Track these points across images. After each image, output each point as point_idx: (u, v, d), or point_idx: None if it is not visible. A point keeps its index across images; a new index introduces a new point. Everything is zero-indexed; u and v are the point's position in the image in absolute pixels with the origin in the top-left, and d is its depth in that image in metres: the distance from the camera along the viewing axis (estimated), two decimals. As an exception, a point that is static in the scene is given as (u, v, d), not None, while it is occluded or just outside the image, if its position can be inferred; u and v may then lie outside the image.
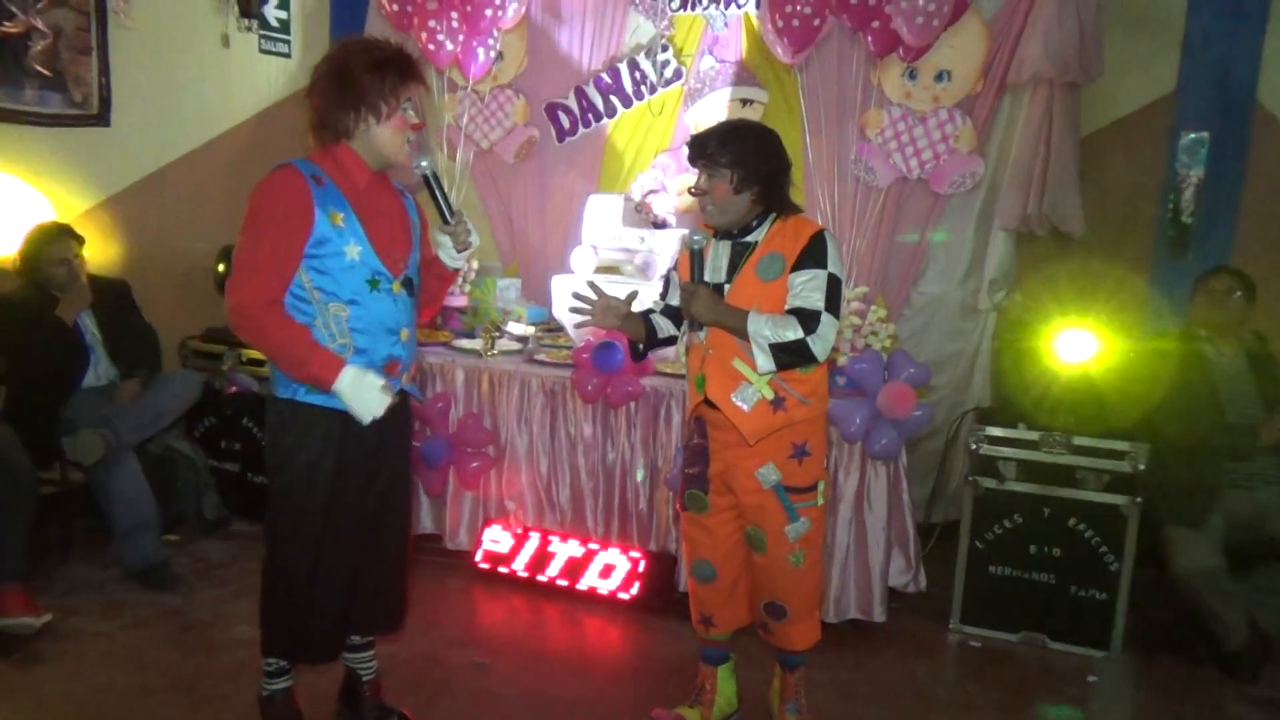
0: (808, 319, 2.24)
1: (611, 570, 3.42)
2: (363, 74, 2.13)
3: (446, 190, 2.36)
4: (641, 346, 2.60)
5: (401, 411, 2.35)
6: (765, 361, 2.25)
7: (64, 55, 3.82)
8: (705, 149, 2.33)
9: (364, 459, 2.27)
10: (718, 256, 2.39)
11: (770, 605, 2.50)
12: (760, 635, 2.62)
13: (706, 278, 2.37)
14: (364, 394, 2.14)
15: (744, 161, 2.30)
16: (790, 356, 2.25)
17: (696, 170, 2.37)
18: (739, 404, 2.33)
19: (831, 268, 2.29)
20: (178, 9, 4.27)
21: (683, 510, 2.56)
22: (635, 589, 3.37)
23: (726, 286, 2.35)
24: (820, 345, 2.24)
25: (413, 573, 2.58)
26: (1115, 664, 3.16)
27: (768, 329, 2.24)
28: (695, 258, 2.33)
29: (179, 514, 3.84)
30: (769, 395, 2.32)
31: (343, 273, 2.14)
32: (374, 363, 2.20)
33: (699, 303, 2.29)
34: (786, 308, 2.28)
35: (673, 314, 2.59)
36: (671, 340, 2.62)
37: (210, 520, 3.91)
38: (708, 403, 2.40)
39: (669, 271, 2.62)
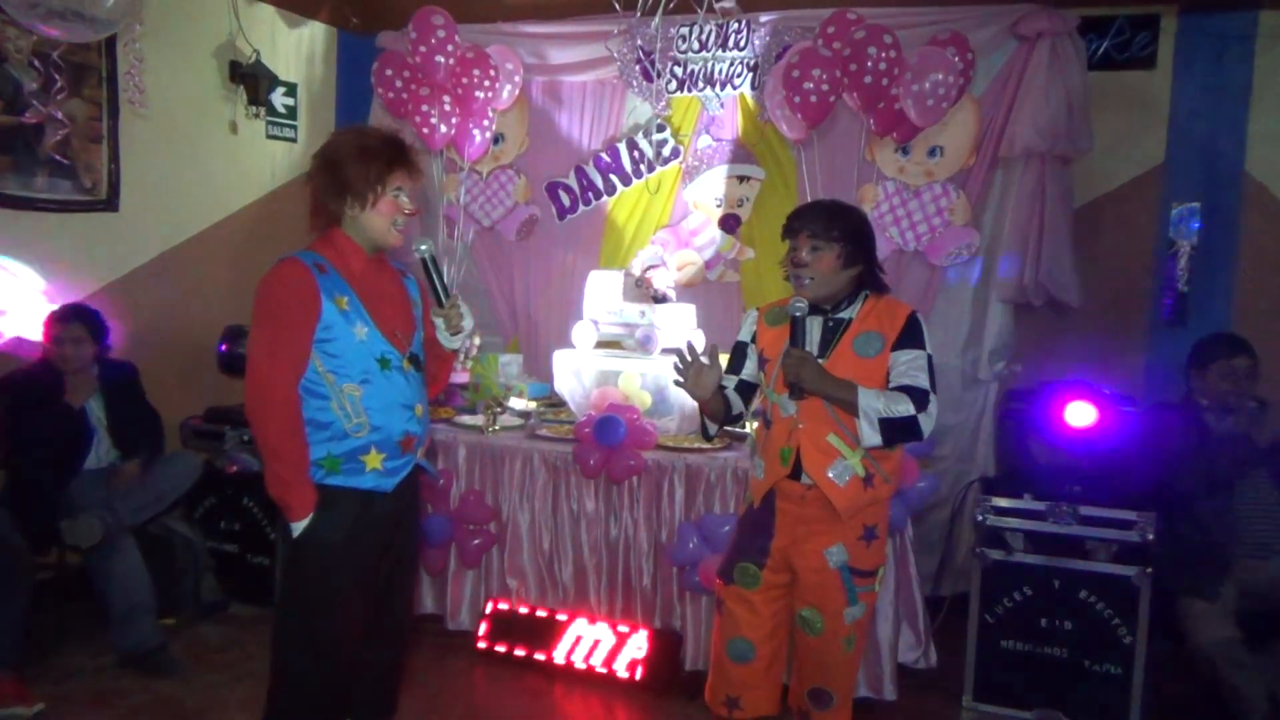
0: (918, 397, 2.23)
1: (616, 649, 3.35)
2: (349, 163, 2.19)
3: (444, 273, 2.40)
4: (715, 426, 2.53)
5: (414, 490, 2.36)
6: (872, 436, 2.22)
7: (75, 144, 3.91)
8: (813, 222, 2.33)
9: (378, 539, 2.26)
10: (808, 331, 2.36)
11: (815, 691, 2.42)
12: None
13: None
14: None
15: (853, 237, 2.32)
16: (898, 433, 2.23)
17: (795, 241, 2.35)
18: (834, 479, 2.29)
19: (928, 349, 2.31)
20: (188, 97, 4.38)
21: (724, 585, 2.45)
22: (640, 668, 3.30)
23: (820, 361, 2.31)
24: (928, 423, 2.24)
25: (411, 654, 2.54)
26: (1134, 742, 3.07)
27: (879, 403, 2.21)
28: (799, 325, 2.29)
29: (176, 596, 3.78)
30: (861, 472, 2.29)
31: (353, 353, 2.17)
32: (391, 439, 2.22)
33: (809, 369, 2.24)
34: (893, 385, 2.27)
35: (743, 389, 2.54)
36: (739, 418, 2.56)
37: (208, 603, 3.85)
38: (792, 477, 2.34)
39: (741, 344, 2.55)
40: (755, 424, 2.60)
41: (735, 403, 2.52)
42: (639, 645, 3.34)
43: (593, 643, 3.39)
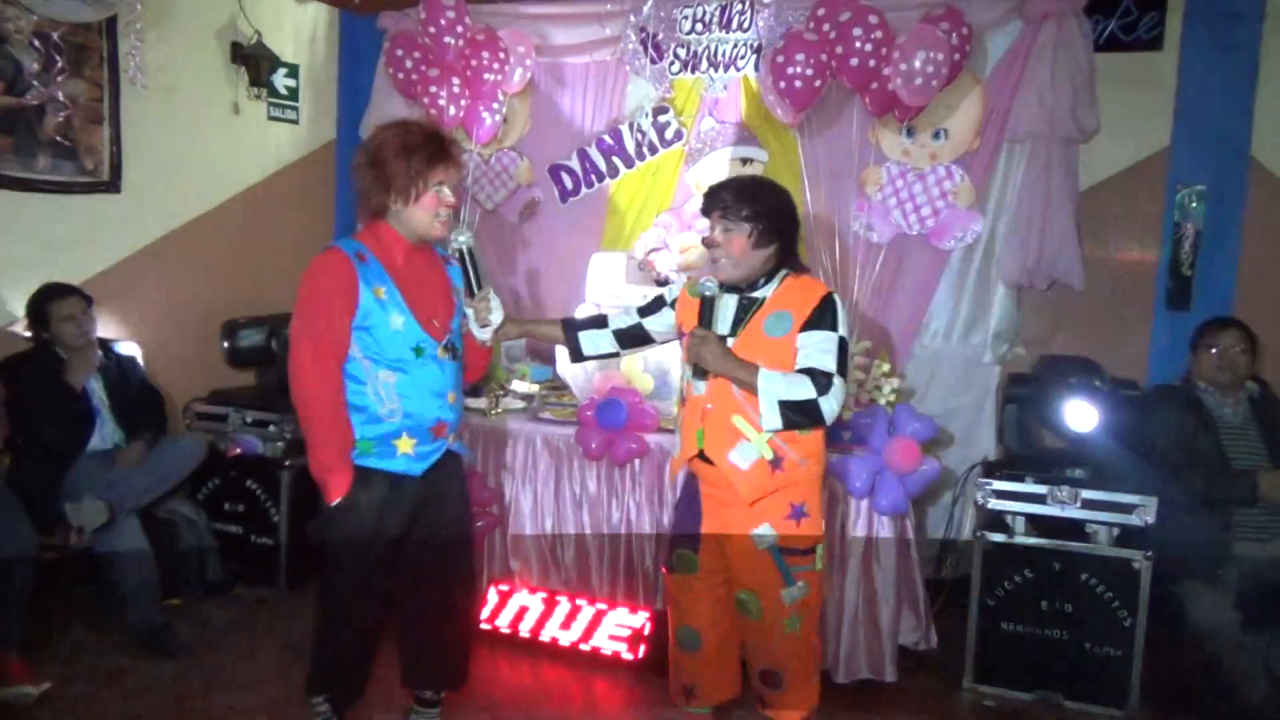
0: (820, 380, 2.19)
1: (617, 630, 3.37)
2: (392, 160, 2.27)
3: (478, 265, 2.44)
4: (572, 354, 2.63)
5: (451, 471, 2.46)
6: (772, 419, 2.19)
7: (77, 125, 3.89)
8: (724, 201, 2.31)
9: (405, 520, 2.36)
10: (723, 308, 2.34)
11: (766, 673, 2.42)
12: (759, 709, 2.54)
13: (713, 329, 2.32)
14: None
15: (764, 217, 2.29)
16: (799, 416, 2.19)
17: (709, 220, 2.34)
18: (736, 462, 2.27)
19: (841, 331, 2.25)
20: (190, 78, 4.36)
21: (668, 573, 2.46)
22: (642, 649, 3.32)
23: (730, 340, 2.30)
24: (830, 407, 2.19)
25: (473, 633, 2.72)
26: (1133, 723, 3.09)
27: (779, 385, 2.18)
28: (706, 305, 2.28)
29: (181, 578, 3.80)
30: (768, 455, 2.27)
31: (388, 341, 2.26)
32: (422, 426, 2.31)
33: (709, 350, 2.23)
34: (797, 367, 2.22)
35: (632, 335, 2.58)
36: (614, 356, 2.66)
37: (212, 584, 3.87)
38: (702, 458, 2.34)
39: (661, 299, 2.57)
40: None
41: (599, 344, 2.59)
42: (640, 627, 3.35)
43: (594, 624, 3.41)
